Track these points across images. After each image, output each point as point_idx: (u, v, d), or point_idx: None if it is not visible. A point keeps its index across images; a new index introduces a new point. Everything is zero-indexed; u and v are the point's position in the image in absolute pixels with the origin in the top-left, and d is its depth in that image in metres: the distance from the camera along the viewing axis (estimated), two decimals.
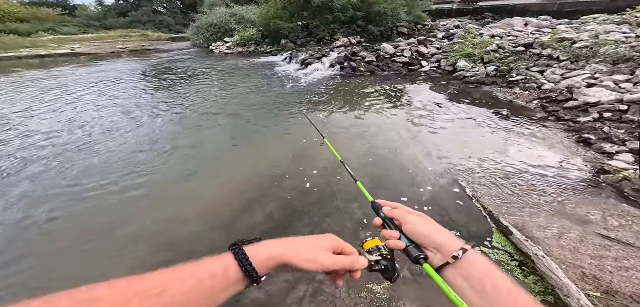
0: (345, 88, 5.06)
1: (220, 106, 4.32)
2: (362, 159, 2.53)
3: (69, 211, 2.03)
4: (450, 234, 0.40)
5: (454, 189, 2.07)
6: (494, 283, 0.32)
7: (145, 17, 24.97)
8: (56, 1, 25.38)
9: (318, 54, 7.59)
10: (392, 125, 3.31)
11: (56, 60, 10.62)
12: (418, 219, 0.42)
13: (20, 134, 3.38)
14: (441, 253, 0.38)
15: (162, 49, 14.97)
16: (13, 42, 13.83)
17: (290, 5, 10.46)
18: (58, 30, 19.08)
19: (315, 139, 2.84)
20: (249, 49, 11.29)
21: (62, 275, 1.54)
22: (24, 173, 2.51)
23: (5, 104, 4.67)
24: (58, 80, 6.46)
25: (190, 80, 6.25)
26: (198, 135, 3.30)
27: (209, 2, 19.19)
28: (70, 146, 2.99)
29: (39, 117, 3.95)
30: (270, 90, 5.16)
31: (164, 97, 4.89)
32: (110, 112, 4.07)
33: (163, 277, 0.28)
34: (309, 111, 3.92)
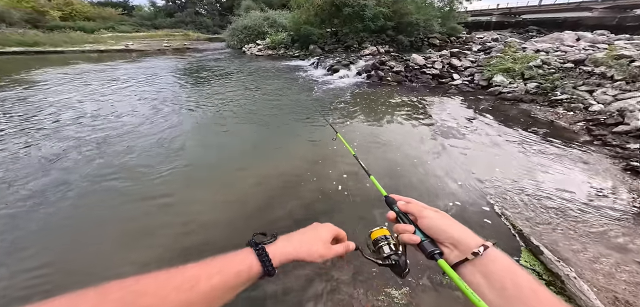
0: (370, 96, 5.15)
1: (246, 105, 4.64)
2: (385, 169, 2.56)
3: (112, 185, 2.37)
4: (469, 230, 0.39)
5: (482, 206, 2.06)
6: (515, 281, 0.31)
7: (188, 18, 27.64)
8: (118, 1, 29.29)
9: (345, 61, 7.82)
10: (417, 136, 3.33)
11: (112, 55, 12.24)
12: (435, 213, 0.42)
13: (76, 115, 3.96)
14: (459, 249, 0.37)
15: (199, 48, 16.49)
16: (79, 37, 16.26)
17: (321, 12, 10.92)
18: (116, 29, 21.96)
19: (337, 148, 2.86)
20: (278, 51, 11.96)
21: (117, 226, 1.89)
22: (71, 152, 2.95)
23: (67, 91, 5.57)
24: (110, 74, 7.47)
25: (221, 79, 6.81)
26: (223, 131, 3.51)
27: (245, 5, 20.71)
28: (110, 132, 3.39)
29: (91, 103, 4.60)
30: (295, 93, 5.42)
31: (195, 94, 5.38)
32: (147, 104, 4.56)
33: (194, 271, 0.32)
34: (330, 115, 4.06)
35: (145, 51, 13.93)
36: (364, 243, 0.47)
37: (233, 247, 0.37)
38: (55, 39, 14.42)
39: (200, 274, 0.31)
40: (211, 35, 23.76)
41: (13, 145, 3.05)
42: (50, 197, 2.18)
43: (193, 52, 13.96)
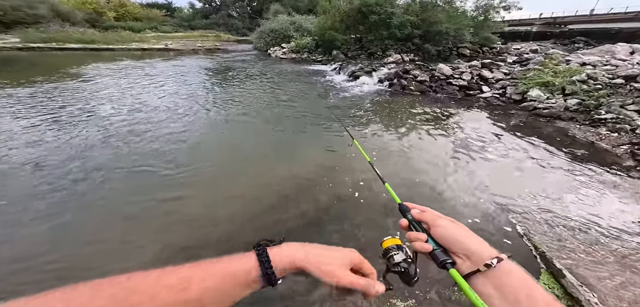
0: (391, 105, 5.15)
1: (265, 106, 4.84)
2: (402, 180, 2.56)
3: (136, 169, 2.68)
4: (485, 242, 0.38)
5: (503, 225, 2.02)
6: (529, 295, 0.31)
7: (221, 20, 29.73)
8: (162, 3, 32.46)
9: (368, 67, 7.88)
10: (438, 148, 3.29)
11: (153, 53, 13.63)
12: (450, 223, 0.41)
13: (113, 107, 4.46)
14: (471, 260, 0.36)
15: (229, 49, 17.66)
16: (128, 36, 18.32)
17: (347, 18, 11.13)
18: (159, 29, 24.36)
19: (355, 154, 2.91)
20: (301, 55, 12.39)
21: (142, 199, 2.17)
22: (105, 141, 3.27)
23: (110, 84, 6.32)
24: (147, 70, 8.34)
25: (245, 80, 7.23)
26: (241, 130, 3.68)
27: (274, 9, 21.76)
28: (139, 125, 3.65)
29: (127, 97, 5.14)
30: (315, 97, 5.57)
31: (220, 93, 5.77)
32: (175, 101, 4.94)
33: (188, 272, 0.30)
34: (348, 121, 4.11)
35: (181, 50, 15.29)
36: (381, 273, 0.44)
37: (243, 246, 0.38)
38: (108, 37, 16.43)
39: (193, 275, 0.30)
40: (240, 37, 25.26)
41: (56, 131, 3.42)
42: (82, 180, 2.39)
43: (222, 53, 14.99)
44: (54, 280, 1.49)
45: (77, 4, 22.10)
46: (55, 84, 5.69)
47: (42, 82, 5.74)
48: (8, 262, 1.62)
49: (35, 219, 1.96)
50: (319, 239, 1.70)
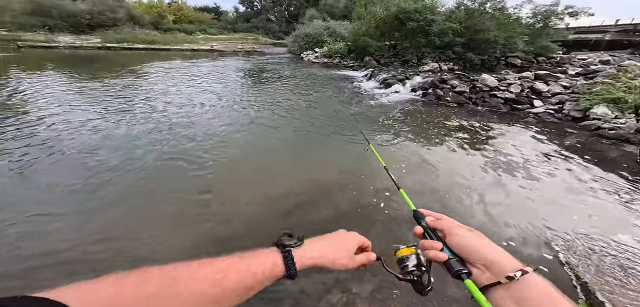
0: (423, 115, 5.01)
1: (293, 108, 5.01)
2: (430, 194, 2.44)
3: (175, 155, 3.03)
4: (507, 253, 0.36)
5: (543, 251, 1.89)
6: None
7: (260, 24, 31.99)
8: (212, 7, 36.23)
9: (401, 75, 7.77)
10: (474, 165, 3.12)
11: (200, 54, 15.26)
12: (468, 232, 0.40)
13: (161, 101, 5.09)
14: (491, 271, 0.34)
15: (265, 51, 18.94)
16: (181, 38, 20.91)
17: (383, 25, 11.10)
18: (207, 31, 27.24)
19: (375, 164, 2.86)
20: (333, 60, 12.70)
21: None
22: (151, 132, 3.68)
23: (161, 80, 7.26)
24: (193, 69, 9.38)
25: (277, 81, 7.69)
26: (269, 131, 3.84)
27: (309, 14, 22.68)
28: (181, 119, 4.06)
29: (173, 93, 5.81)
30: (343, 103, 5.64)
31: (252, 92, 6.20)
32: (213, 98, 5.45)
33: (224, 264, 0.34)
34: (373, 128, 4.08)
35: (223, 52, 16.95)
36: (385, 252, 0.47)
37: (262, 242, 0.41)
38: (166, 38, 19.07)
39: (229, 267, 0.34)
40: (276, 41, 26.84)
41: (114, 121, 3.87)
42: (124, 170, 2.63)
43: (259, 55, 16.14)
44: (79, 263, 1.64)
45: (146, 8, 26.04)
46: (122, 80, 6.78)
47: (111, 78, 6.91)
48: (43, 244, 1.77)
49: (76, 203, 2.16)
50: None
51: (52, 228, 1.92)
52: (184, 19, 29.14)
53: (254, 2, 34.80)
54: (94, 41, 16.00)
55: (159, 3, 28.33)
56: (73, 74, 7.21)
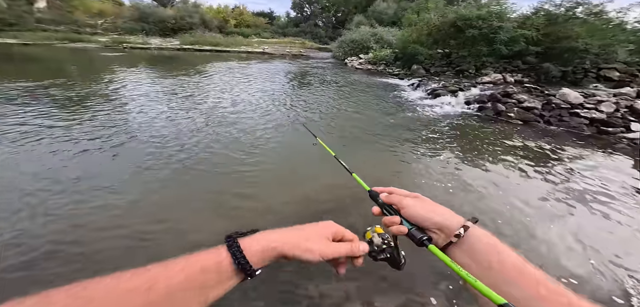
0: (476, 132, 4.51)
1: (332, 113, 5.04)
2: (483, 217, 2.21)
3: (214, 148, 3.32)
4: (449, 211, 0.40)
5: (614, 293, 1.59)
6: (499, 258, 0.32)
7: (308, 29, 33.66)
8: (267, 12, 39.77)
9: (453, 86, 7.19)
10: (540, 191, 2.69)
11: (253, 56, 16.92)
12: (415, 201, 0.42)
13: (214, 97, 5.73)
14: (443, 232, 0.37)
15: (310, 55, 19.90)
16: (240, 41, 23.48)
17: (436, 32, 10.48)
18: (261, 35, 29.96)
19: (407, 175, 2.76)
20: (378, 67, 12.52)
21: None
22: (205, 125, 4.06)
23: (218, 79, 8.12)
24: (246, 70, 10.38)
25: (319, 85, 7.93)
26: (306, 134, 3.76)
27: (357, 20, 22.85)
28: (227, 116, 4.35)
29: (230, 90, 6.50)
30: (384, 111, 5.47)
31: (295, 94, 6.52)
32: (260, 97, 5.91)
33: (151, 273, 0.29)
34: (417, 141, 3.80)
35: (273, 54, 18.52)
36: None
37: None
38: (228, 41, 21.82)
39: (159, 274, 0.29)
40: (321, 46, 27.80)
41: (175, 114, 4.33)
42: (175, 159, 2.86)
43: (304, 59, 17.05)
44: (122, 250, 1.74)
45: (214, 13, 30.25)
46: (189, 78, 7.97)
47: (182, 76, 8.21)
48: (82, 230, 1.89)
49: (139, 183, 2.40)
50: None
51: (114, 202, 2.13)
52: (243, 23, 32.51)
53: (304, 7, 36.87)
54: (174, 43, 19.53)
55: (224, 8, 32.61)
56: (156, 72, 8.93)
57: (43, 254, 1.67)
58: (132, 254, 1.72)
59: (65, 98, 4.73)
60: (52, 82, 5.50)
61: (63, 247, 1.73)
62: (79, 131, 3.44)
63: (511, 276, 0.31)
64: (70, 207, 2.07)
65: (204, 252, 0.32)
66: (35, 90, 5.08)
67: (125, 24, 21.76)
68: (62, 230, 1.86)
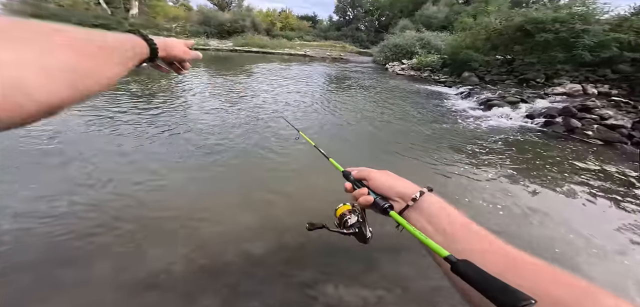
0: (540, 150, 3.90)
1: (369, 120, 4.79)
2: (545, 249, 1.95)
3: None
4: (409, 182, 0.44)
5: None
6: (449, 220, 0.36)
7: (349, 32, 33.85)
8: (310, 16, 41.32)
9: (513, 96, 6.39)
10: (616, 223, 2.26)
11: (294, 58, 17.71)
12: (380, 174, 0.47)
13: (261, 97, 6.01)
14: (403, 199, 0.42)
15: (350, 59, 19.98)
16: (284, 43, 24.79)
17: (497, 37, 9.46)
18: (303, 38, 31.29)
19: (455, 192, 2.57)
20: (422, 73, 11.88)
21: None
22: (248, 121, 4.37)
23: (261, 79, 8.59)
24: (286, 71, 10.88)
25: (357, 89, 7.81)
26: (339, 139, 3.76)
27: (402, 24, 22.08)
28: (267, 113, 4.57)
29: (271, 89, 6.84)
30: (426, 121, 5.09)
31: (332, 97, 6.50)
32: (297, 98, 6.05)
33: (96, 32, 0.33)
34: (460, 158, 3.39)
35: (313, 57, 19.19)
36: (332, 221, 0.50)
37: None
38: (273, 43, 23.39)
39: (104, 33, 0.34)
40: (362, 49, 27.62)
41: (227, 110, 4.63)
42: (215, 150, 3.07)
43: (344, 63, 17.13)
44: (165, 230, 1.85)
45: (264, 16, 32.87)
46: (236, 77, 8.72)
47: (231, 75, 9.07)
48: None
49: (185, 171, 2.56)
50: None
51: (161, 187, 2.31)
52: (288, 26, 34.49)
53: (346, 11, 37.25)
54: (228, 44, 21.99)
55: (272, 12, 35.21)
56: (212, 71, 10.06)
57: (92, 221, 1.90)
58: (173, 235, 1.84)
59: (140, 93, 5.64)
60: (133, 79, 6.73)
61: (118, 223, 1.89)
62: (147, 121, 3.95)
63: (459, 234, 0.34)
64: (127, 185, 2.31)
65: (129, 35, 0.42)
66: (117, 86, 6.33)
67: (192, 28, 25.38)
68: (124, 205, 2.04)
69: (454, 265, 0.28)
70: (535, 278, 0.28)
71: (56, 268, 1.54)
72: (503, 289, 0.23)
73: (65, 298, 1.39)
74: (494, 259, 0.30)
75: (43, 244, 1.69)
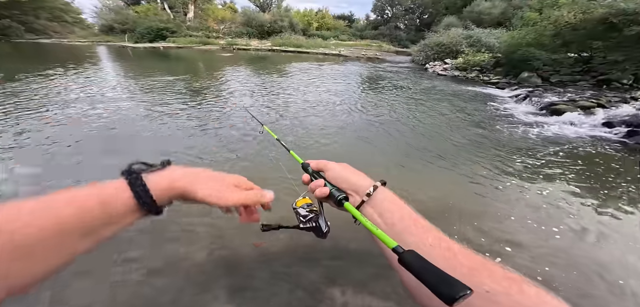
0: (618, 166, 3.15)
1: (400, 125, 4.36)
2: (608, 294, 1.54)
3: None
4: (364, 175, 0.44)
5: None
6: (401, 214, 0.37)
7: (387, 31, 32.72)
8: (346, 15, 41.13)
9: (589, 100, 5.34)
10: None
11: (329, 58, 17.70)
12: (337, 165, 0.47)
13: (293, 95, 6.21)
14: (358, 194, 0.42)
15: (387, 58, 19.22)
16: (319, 43, 25.36)
17: (570, 32, 8.05)
18: (339, 37, 31.38)
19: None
20: (468, 74, 10.81)
21: None
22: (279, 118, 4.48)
23: (294, 77, 8.71)
24: (319, 71, 10.84)
25: (391, 91, 7.37)
26: (367, 146, 3.51)
27: (447, 22, 20.45)
28: (298, 111, 4.71)
29: (304, 88, 6.96)
30: (470, 122, 4.58)
31: (364, 98, 6.21)
32: (328, 97, 5.98)
33: (20, 205, 0.24)
34: (507, 170, 2.89)
35: (348, 57, 19.02)
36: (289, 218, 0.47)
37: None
38: (308, 43, 24.04)
39: (54, 199, 0.25)
40: (400, 49, 26.42)
41: (262, 108, 4.78)
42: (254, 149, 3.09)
43: (379, 62, 16.49)
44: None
45: (301, 17, 33.97)
46: (270, 77, 8.96)
47: (267, 74, 9.46)
48: None
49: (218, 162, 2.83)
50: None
51: None
52: (324, 26, 35.01)
53: (385, 10, 36.03)
54: (267, 44, 23.34)
55: (309, 12, 36.09)
56: (251, 70, 10.76)
57: None
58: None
59: (189, 89, 6.33)
60: (184, 77, 7.56)
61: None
62: (190, 115, 4.30)
63: (408, 228, 0.36)
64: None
65: (100, 185, 0.29)
66: (174, 83, 7.14)
67: (236, 29, 27.67)
68: None
69: (400, 256, 0.29)
70: (471, 271, 0.29)
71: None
72: (443, 279, 0.25)
73: None
74: (438, 252, 0.32)
75: None
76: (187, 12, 28.02)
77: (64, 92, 5.34)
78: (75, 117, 3.83)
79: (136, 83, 6.72)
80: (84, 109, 4.22)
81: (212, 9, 29.94)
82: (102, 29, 27.20)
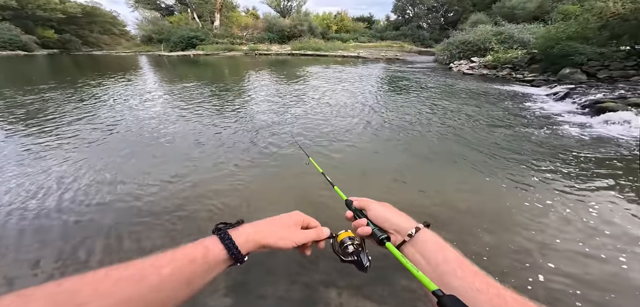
0: None
1: (421, 134, 3.85)
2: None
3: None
4: (407, 216, 0.45)
5: None
6: (444, 256, 0.37)
7: (409, 31, 31.70)
8: (366, 17, 40.54)
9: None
10: None
11: (347, 60, 17.49)
12: (379, 205, 0.49)
13: (309, 100, 6.15)
14: (400, 233, 0.43)
15: (408, 59, 18.66)
16: (338, 45, 25.31)
17: (620, 23, 7.22)
18: (358, 39, 30.94)
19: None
20: (498, 72, 10.11)
21: None
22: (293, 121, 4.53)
23: (313, 80, 8.73)
24: (337, 74, 10.73)
25: (412, 93, 6.91)
26: (377, 152, 3.23)
27: (474, 19, 19.41)
28: (315, 115, 4.74)
29: (320, 92, 6.92)
30: (504, 126, 4.13)
31: (383, 102, 5.87)
32: (347, 101, 5.68)
33: (143, 264, 0.30)
34: (550, 177, 2.53)
35: (367, 58, 18.80)
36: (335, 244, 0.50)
37: None
38: (327, 46, 24.16)
39: (148, 265, 0.30)
40: (422, 48, 25.49)
41: (279, 111, 4.94)
42: (272, 150, 3.07)
43: (401, 63, 15.97)
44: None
45: (320, 20, 34.26)
46: (288, 82, 8.85)
47: (286, 78, 9.66)
48: None
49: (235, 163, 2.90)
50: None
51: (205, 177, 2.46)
52: (343, 28, 34.83)
53: (406, 10, 35.07)
54: (286, 49, 24.02)
55: (328, 15, 36.27)
56: (271, 74, 11.03)
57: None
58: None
59: (213, 92, 6.63)
60: (211, 81, 7.88)
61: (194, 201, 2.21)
62: (215, 116, 4.42)
63: (453, 271, 0.35)
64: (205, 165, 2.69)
65: (189, 245, 0.35)
66: (203, 87, 7.52)
67: (258, 34, 28.88)
68: (201, 194, 2.20)
69: (440, 299, 0.29)
70: None
71: (127, 228, 1.79)
72: None
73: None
74: (485, 298, 0.31)
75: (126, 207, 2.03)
76: (213, 20, 29.91)
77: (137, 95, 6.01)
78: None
79: (174, 93, 7.29)
80: (159, 116, 4.48)
81: (236, 16, 31.56)
82: (143, 39, 30.08)
